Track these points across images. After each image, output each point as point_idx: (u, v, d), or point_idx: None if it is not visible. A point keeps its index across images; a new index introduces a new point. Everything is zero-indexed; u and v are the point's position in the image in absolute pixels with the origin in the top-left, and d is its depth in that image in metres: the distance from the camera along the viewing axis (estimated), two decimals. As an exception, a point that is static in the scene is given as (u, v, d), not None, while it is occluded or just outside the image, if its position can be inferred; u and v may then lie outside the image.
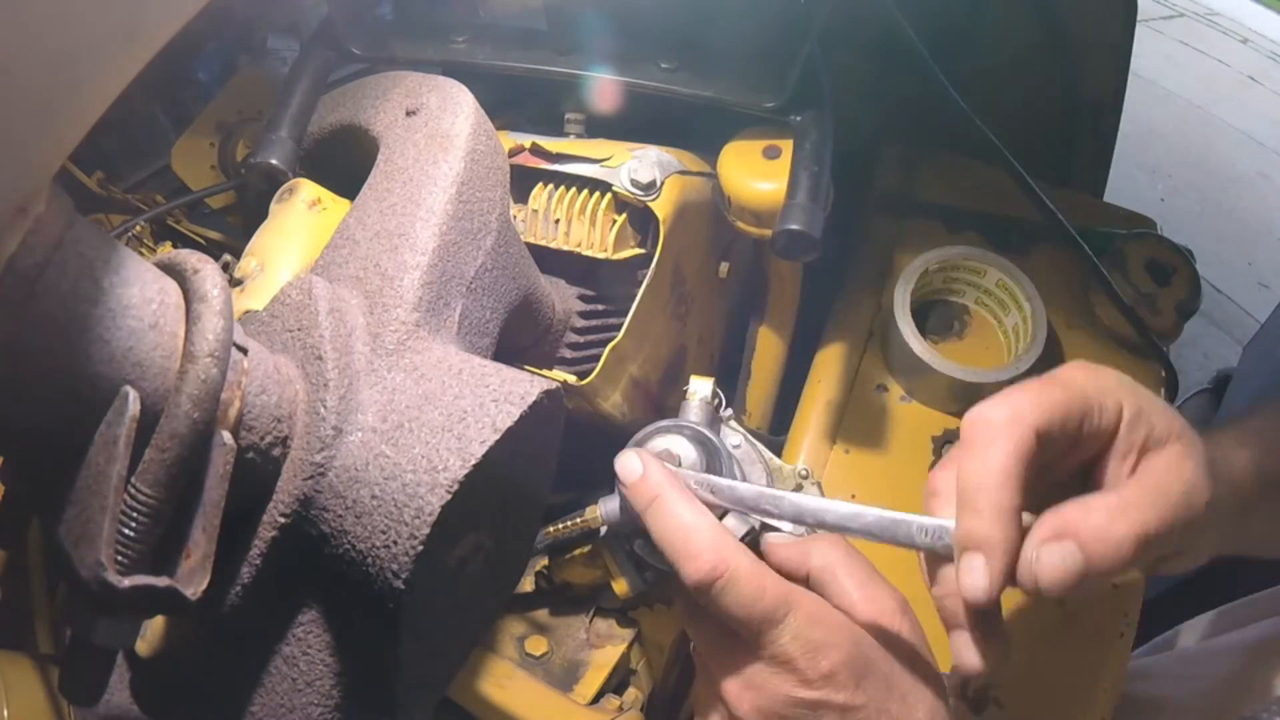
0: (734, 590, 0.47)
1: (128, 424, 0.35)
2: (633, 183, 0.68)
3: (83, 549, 0.35)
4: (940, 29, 0.91)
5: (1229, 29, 4.08)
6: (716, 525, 0.49)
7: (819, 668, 0.46)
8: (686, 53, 0.71)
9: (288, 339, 0.48)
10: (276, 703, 0.46)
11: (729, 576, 0.47)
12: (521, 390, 0.45)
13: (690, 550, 0.48)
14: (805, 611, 0.47)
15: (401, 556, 0.41)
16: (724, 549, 0.47)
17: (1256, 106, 3.49)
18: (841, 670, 0.46)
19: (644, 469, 0.51)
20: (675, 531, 0.49)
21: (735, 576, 0.47)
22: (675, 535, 0.49)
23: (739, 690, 0.49)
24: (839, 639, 0.47)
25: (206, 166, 0.97)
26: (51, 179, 0.33)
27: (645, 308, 0.70)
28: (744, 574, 0.47)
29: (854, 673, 0.47)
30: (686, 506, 0.49)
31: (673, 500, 0.50)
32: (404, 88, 0.62)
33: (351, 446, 0.44)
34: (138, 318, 0.36)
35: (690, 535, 0.48)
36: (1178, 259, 0.84)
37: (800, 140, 0.68)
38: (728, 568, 0.47)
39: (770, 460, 0.68)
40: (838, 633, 0.47)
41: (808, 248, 0.65)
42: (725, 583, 0.47)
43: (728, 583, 0.47)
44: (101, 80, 0.32)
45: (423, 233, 0.52)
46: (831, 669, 0.46)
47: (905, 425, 0.80)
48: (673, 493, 0.50)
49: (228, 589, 0.44)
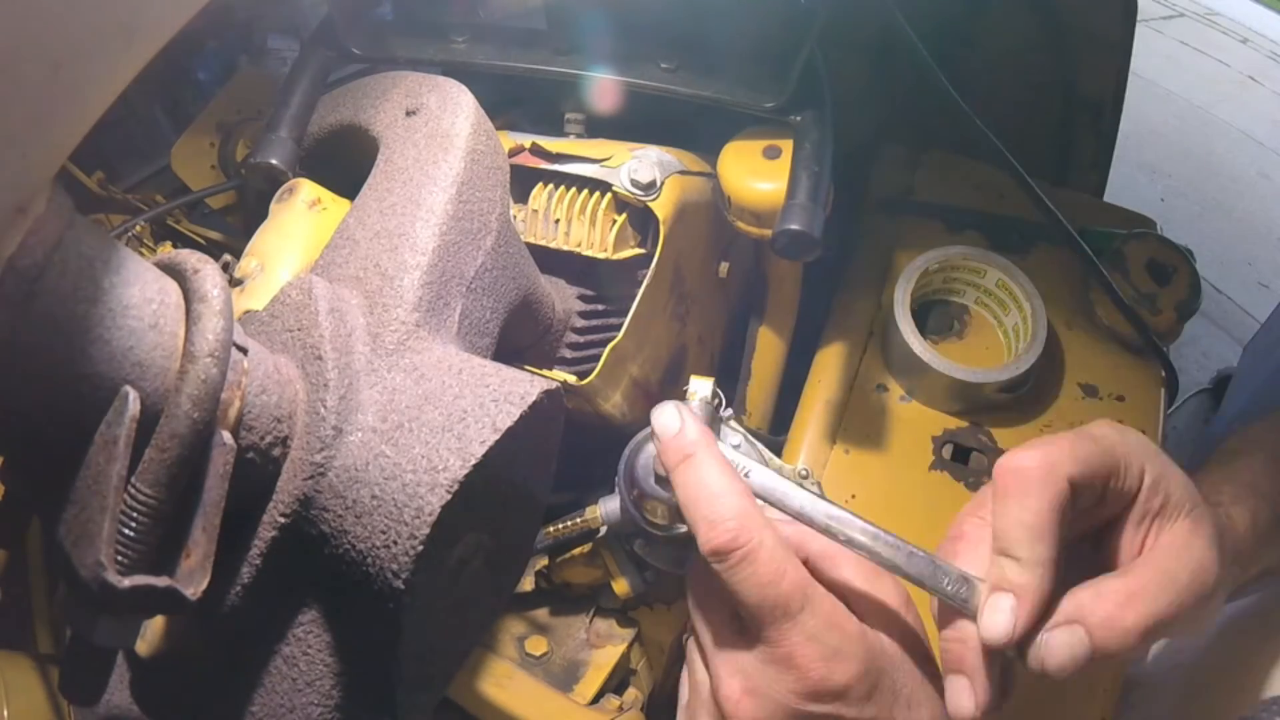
0: (751, 567, 0.43)
1: (128, 424, 0.35)
2: (633, 183, 0.68)
3: (83, 549, 0.35)
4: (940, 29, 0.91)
5: (1229, 29, 4.08)
6: (747, 495, 0.45)
7: (833, 681, 0.43)
8: (687, 53, 0.71)
9: (288, 339, 0.48)
10: (276, 703, 0.46)
11: (749, 549, 0.43)
12: (521, 390, 0.45)
13: (715, 514, 0.44)
14: (824, 612, 0.44)
15: (401, 556, 0.41)
16: (751, 520, 0.44)
17: (1256, 106, 3.49)
18: (856, 684, 0.44)
19: (681, 424, 0.48)
20: (702, 493, 0.45)
21: (756, 551, 0.43)
22: (701, 496, 0.45)
23: (739, 694, 0.45)
24: (856, 649, 0.44)
25: (206, 166, 0.97)
26: (51, 179, 0.33)
27: (645, 308, 0.70)
28: (766, 552, 0.43)
29: (867, 686, 0.44)
30: (719, 470, 0.46)
31: (706, 461, 0.46)
32: (404, 88, 0.62)
33: (351, 446, 0.44)
34: (138, 318, 0.36)
35: (717, 500, 0.44)
36: (1178, 259, 0.84)
37: (800, 140, 0.68)
38: (750, 540, 0.43)
39: (770, 460, 0.68)
40: (856, 642, 0.44)
41: (808, 248, 0.65)
42: (744, 555, 0.43)
43: (746, 556, 0.43)
44: (101, 80, 0.32)
45: (423, 233, 0.52)
46: (847, 683, 0.43)
47: (905, 425, 0.80)
48: (708, 454, 0.46)
49: (228, 589, 0.44)
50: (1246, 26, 4.10)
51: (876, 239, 0.92)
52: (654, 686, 0.82)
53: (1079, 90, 1.04)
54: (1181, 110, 3.42)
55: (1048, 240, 0.89)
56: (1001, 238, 0.90)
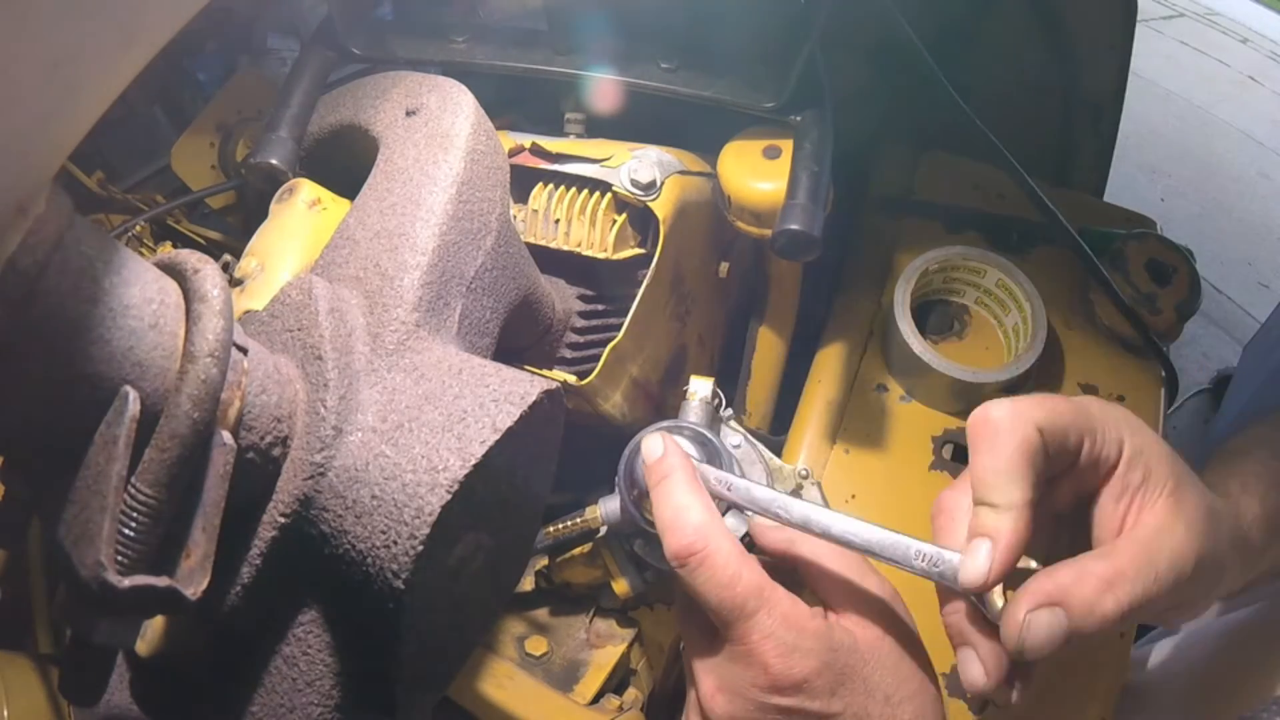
0: (707, 570, 0.47)
1: (128, 424, 0.35)
2: (633, 183, 0.68)
3: (83, 549, 0.35)
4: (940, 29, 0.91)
5: (1229, 29, 4.09)
6: (709, 509, 0.50)
7: (791, 674, 0.46)
8: (687, 53, 0.71)
9: (288, 339, 0.48)
10: (276, 703, 0.46)
11: (704, 554, 0.47)
12: (521, 390, 0.45)
13: (678, 524, 0.49)
14: (780, 611, 0.47)
15: (401, 556, 0.41)
16: (707, 530, 0.48)
17: (1256, 106, 3.49)
18: (815, 678, 0.46)
19: (663, 451, 0.54)
20: (669, 508, 0.50)
21: (711, 556, 0.47)
22: (668, 511, 0.50)
23: (712, 691, 0.49)
24: (813, 644, 0.46)
25: (206, 166, 0.97)
26: (51, 179, 0.33)
27: (645, 308, 0.70)
28: (721, 558, 0.47)
29: (829, 680, 0.46)
30: (687, 489, 0.51)
31: (677, 481, 0.51)
32: (404, 88, 0.62)
33: (351, 446, 0.44)
34: (138, 318, 0.36)
35: (682, 512, 0.50)
36: (1178, 259, 0.84)
37: (800, 140, 0.68)
38: (705, 545, 0.48)
39: (770, 460, 0.68)
40: (812, 638, 0.47)
41: (808, 248, 0.65)
42: (700, 560, 0.47)
43: (702, 560, 0.47)
44: (101, 80, 0.32)
45: (423, 233, 0.52)
46: (805, 676, 0.46)
47: (905, 425, 0.80)
48: (680, 475, 0.52)
49: (228, 589, 0.44)
50: (1246, 26, 4.10)
51: (876, 239, 0.92)
52: (654, 686, 0.82)
53: (1079, 90, 1.04)
54: (1181, 110, 3.42)
55: (1048, 240, 0.89)
56: (1001, 238, 0.90)
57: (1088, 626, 0.43)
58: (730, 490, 0.53)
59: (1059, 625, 0.43)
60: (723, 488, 0.53)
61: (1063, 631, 0.43)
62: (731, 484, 0.53)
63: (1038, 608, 0.43)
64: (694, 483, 0.52)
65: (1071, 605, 0.43)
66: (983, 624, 0.46)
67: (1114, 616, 0.43)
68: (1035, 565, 0.46)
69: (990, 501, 0.44)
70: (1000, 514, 0.44)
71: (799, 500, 0.50)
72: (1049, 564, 0.45)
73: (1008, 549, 0.43)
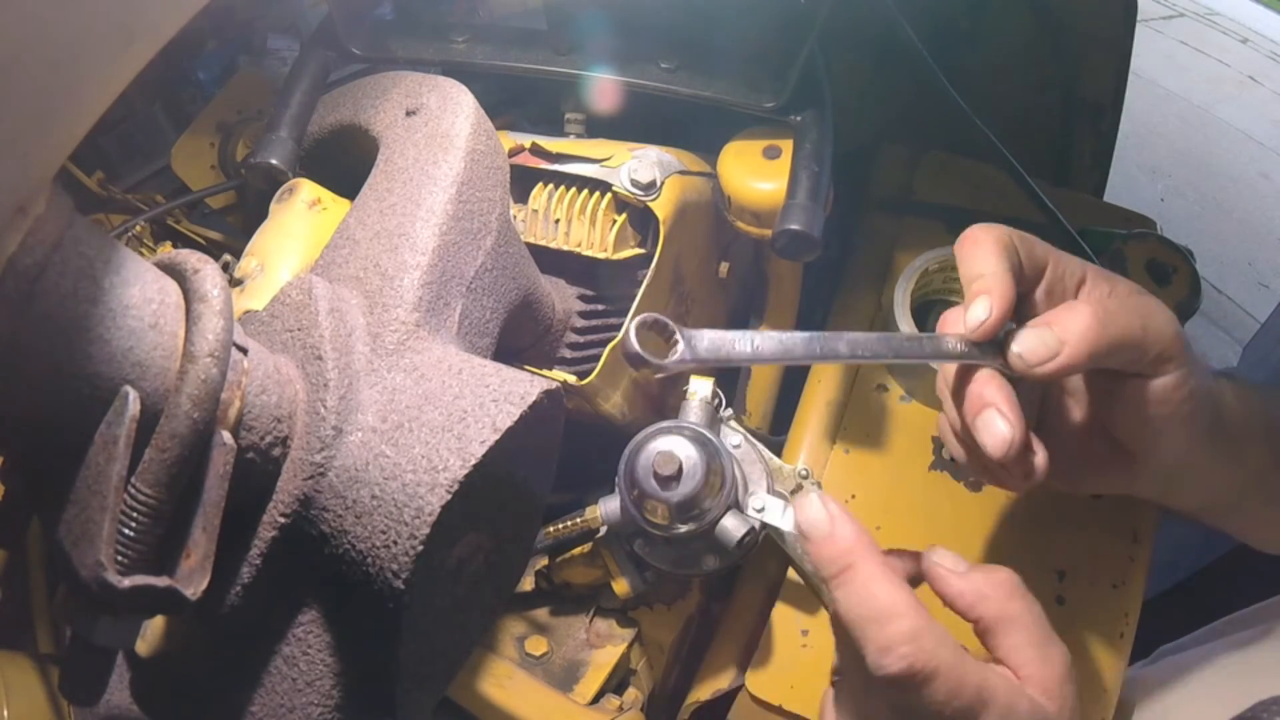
0: (929, 689, 0.43)
1: (128, 424, 0.35)
2: (633, 183, 0.68)
3: (83, 549, 0.35)
4: (940, 29, 0.91)
5: (1229, 29, 4.09)
6: (916, 608, 0.44)
7: None
8: (686, 53, 0.71)
9: (288, 339, 0.48)
10: (276, 703, 0.46)
11: (926, 675, 0.43)
12: (521, 390, 0.45)
13: (886, 640, 0.43)
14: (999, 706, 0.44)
15: (401, 556, 0.41)
16: (924, 640, 0.43)
17: (1256, 106, 3.49)
18: None
19: (832, 527, 0.47)
20: (869, 613, 0.44)
21: (934, 675, 0.43)
22: (868, 617, 0.44)
23: None
24: None
25: (206, 166, 0.97)
26: (51, 179, 0.33)
27: (645, 308, 0.70)
28: (943, 672, 0.43)
29: None
30: (884, 583, 0.45)
31: (868, 574, 0.45)
32: (404, 88, 0.62)
33: (351, 446, 0.44)
34: (138, 318, 0.36)
35: (887, 623, 0.44)
36: (1178, 259, 0.84)
37: (800, 140, 0.68)
38: (926, 666, 0.43)
39: (770, 460, 0.68)
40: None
41: (808, 247, 0.65)
42: (922, 680, 0.43)
43: (924, 681, 0.43)
44: (101, 80, 0.32)
45: (423, 233, 0.52)
46: None
47: (905, 425, 0.80)
48: (869, 564, 0.46)
49: (228, 589, 0.44)
50: (1246, 26, 4.10)
51: (876, 239, 0.92)
52: (654, 686, 0.82)
53: (1079, 90, 1.04)
54: (1181, 110, 3.42)
55: (1048, 240, 0.89)
56: (1001, 238, 0.90)
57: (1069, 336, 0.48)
58: (730, 357, 0.47)
59: (1049, 336, 0.49)
60: (719, 353, 0.47)
61: (1054, 340, 0.48)
62: (729, 350, 0.48)
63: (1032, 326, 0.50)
64: (885, 569, 0.45)
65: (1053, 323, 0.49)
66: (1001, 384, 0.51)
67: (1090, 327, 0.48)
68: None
69: (979, 272, 0.50)
70: (989, 278, 0.50)
71: (809, 334, 0.51)
72: None
73: (1002, 298, 0.49)
